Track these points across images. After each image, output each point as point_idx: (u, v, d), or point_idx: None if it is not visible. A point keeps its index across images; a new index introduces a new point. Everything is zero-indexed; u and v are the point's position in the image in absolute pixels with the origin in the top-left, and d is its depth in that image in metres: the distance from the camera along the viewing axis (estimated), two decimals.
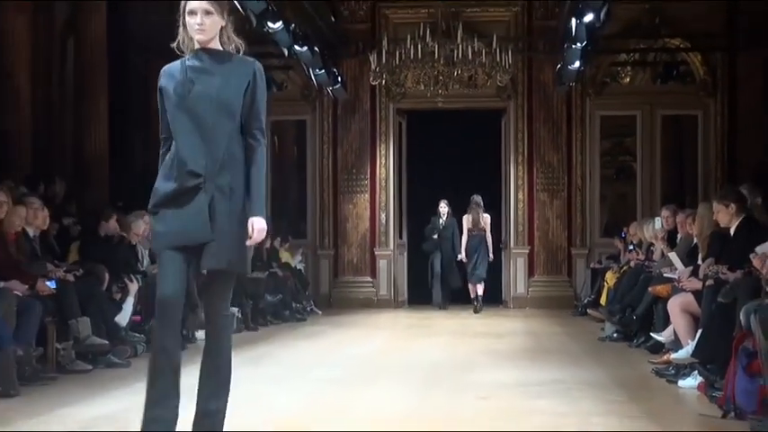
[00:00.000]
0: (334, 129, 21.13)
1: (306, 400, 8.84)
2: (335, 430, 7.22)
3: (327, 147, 21.13)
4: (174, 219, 5.66)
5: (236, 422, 7.51)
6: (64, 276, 10.54)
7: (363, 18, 20.76)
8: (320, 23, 19.28)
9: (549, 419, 7.53)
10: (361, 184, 20.99)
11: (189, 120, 5.69)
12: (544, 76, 20.32)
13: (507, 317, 18.66)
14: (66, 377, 9.92)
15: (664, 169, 21.05)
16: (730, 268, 9.27)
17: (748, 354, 7.47)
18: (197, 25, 5.75)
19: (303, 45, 16.96)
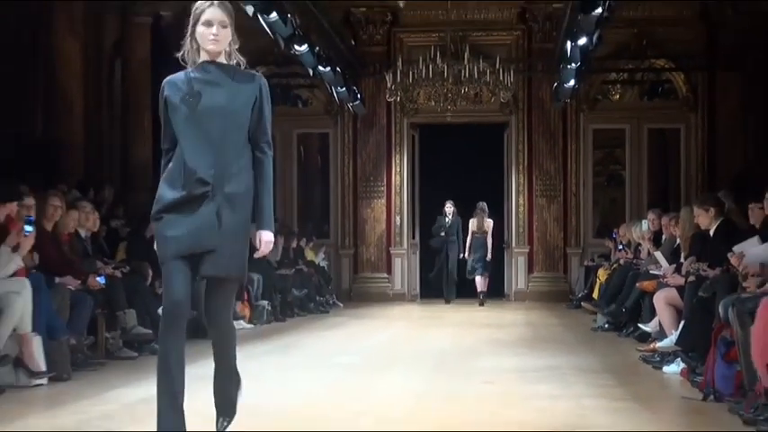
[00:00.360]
0: (353, 141, 21.13)
1: (329, 384, 8.83)
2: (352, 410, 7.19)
3: (348, 157, 21.14)
4: (182, 225, 5.24)
5: (267, 403, 7.52)
6: (112, 273, 10.56)
7: (380, 41, 20.75)
8: (341, 46, 19.28)
9: (545, 402, 7.51)
10: (378, 190, 20.98)
11: (198, 130, 5.25)
12: (542, 93, 20.29)
13: (509, 309, 18.62)
14: (113, 363, 9.95)
15: (650, 177, 21.03)
16: (710, 266, 9.26)
17: (726, 343, 7.44)
18: (212, 35, 5.41)
19: (326, 66, 16.96)
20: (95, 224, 11.19)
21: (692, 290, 9.33)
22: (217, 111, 5.25)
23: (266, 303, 15.50)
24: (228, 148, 5.24)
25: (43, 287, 8.74)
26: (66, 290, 9.35)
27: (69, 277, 9.49)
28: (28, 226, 8.66)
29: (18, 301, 8.30)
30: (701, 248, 9.98)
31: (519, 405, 7.40)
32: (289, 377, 9.24)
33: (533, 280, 20.74)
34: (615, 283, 13.96)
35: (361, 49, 20.58)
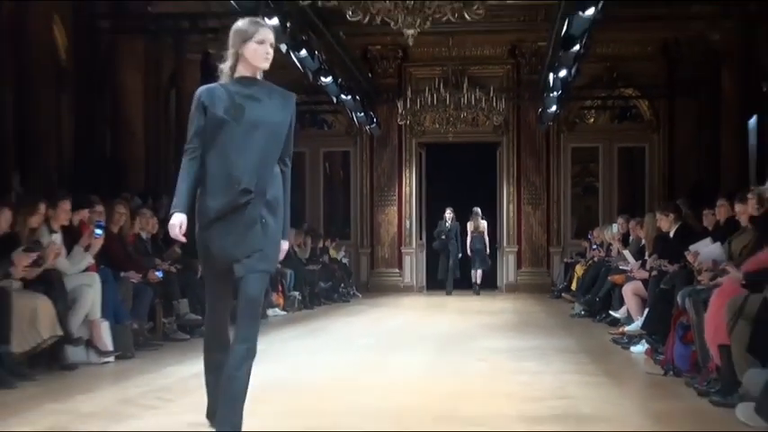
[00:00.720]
0: (370, 157, 21.14)
1: (351, 361, 8.84)
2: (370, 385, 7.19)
3: (365, 171, 21.15)
4: (229, 235, 4.74)
5: (299, 378, 7.54)
6: (168, 269, 10.58)
7: (392, 74, 20.76)
8: (360, 78, 19.31)
9: (530, 376, 7.50)
10: (391, 199, 20.99)
11: (243, 142, 4.75)
12: (529, 117, 20.25)
13: (500, 299, 18.58)
14: (169, 344, 9.98)
15: (619, 188, 20.99)
16: (670, 262, 9.24)
17: (684, 327, 7.42)
18: (266, 54, 4.92)
19: (347, 94, 17.00)
20: (154, 227, 11.21)
21: (655, 282, 9.34)
22: (260, 124, 4.79)
23: (297, 294, 15.52)
24: (268, 159, 4.81)
25: (110, 280, 8.79)
26: (130, 283, 9.38)
27: (132, 272, 9.51)
28: (98, 229, 8.71)
29: (89, 292, 8.34)
30: (663, 248, 9.96)
31: (507, 379, 7.40)
32: (317, 356, 9.26)
33: (521, 274, 20.70)
34: (590, 277, 13.95)
35: (376, 81, 20.58)
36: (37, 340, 7.51)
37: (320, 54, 15.09)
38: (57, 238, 8.28)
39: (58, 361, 7.85)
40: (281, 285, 14.80)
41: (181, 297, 10.65)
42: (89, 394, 6.67)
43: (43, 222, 8.28)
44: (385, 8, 10.77)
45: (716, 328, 6.23)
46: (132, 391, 6.81)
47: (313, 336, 11.28)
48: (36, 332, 7.49)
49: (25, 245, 7.78)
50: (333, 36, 16.62)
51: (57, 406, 6.12)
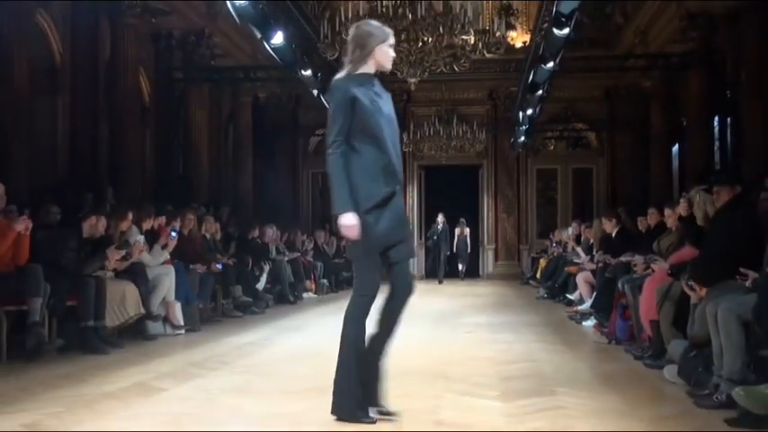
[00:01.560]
0: None
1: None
2: None
3: None
4: (391, 221, 4.01)
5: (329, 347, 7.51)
6: (227, 262, 10.57)
7: (399, 112, 20.50)
8: None
9: (505, 345, 7.46)
10: None
11: (391, 133, 4.03)
12: (504, 145, 20.24)
13: (482, 285, 18.54)
14: (227, 320, 9.96)
15: (573, 199, 20.96)
16: (612, 257, 9.19)
17: (623, 307, 7.39)
18: (392, 56, 4.20)
19: None
20: (216, 230, 11.23)
21: (601, 272, 9.31)
22: (391, 119, 4.10)
23: (326, 281, 15.50)
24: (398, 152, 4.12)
25: (182, 270, 8.78)
26: (197, 273, 9.37)
27: (199, 265, 9.51)
28: (173, 232, 8.71)
29: (166, 279, 8.34)
30: (607, 246, 9.92)
31: (488, 347, 7.35)
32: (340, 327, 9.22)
33: (498, 266, 20.68)
34: (551, 268, 13.90)
35: None
36: (125, 317, 7.52)
37: None
38: (141, 238, 8.28)
39: (141, 333, 7.85)
40: (313, 275, 14.78)
41: (236, 284, 10.64)
42: (165, 359, 6.67)
43: (131, 226, 8.28)
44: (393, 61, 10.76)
45: (648, 308, 6.20)
46: (198, 356, 6.80)
47: (338, 314, 11.06)
48: (124, 310, 7.49)
49: (117, 244, 7.79)
50: None
51: (140, 368, 6.11)
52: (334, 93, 4.09)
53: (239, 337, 8.10)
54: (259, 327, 9.19)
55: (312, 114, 20.33)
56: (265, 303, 11.52)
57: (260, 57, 16.18)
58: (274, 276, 12.62)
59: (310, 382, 5.42)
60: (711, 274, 5.09)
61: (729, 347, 4.47)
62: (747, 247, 4.89)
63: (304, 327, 9.35)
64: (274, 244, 13.58)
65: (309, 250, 15.53)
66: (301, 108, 20.69)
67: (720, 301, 4.59)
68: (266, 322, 9.71)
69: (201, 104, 15.70)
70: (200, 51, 15.33)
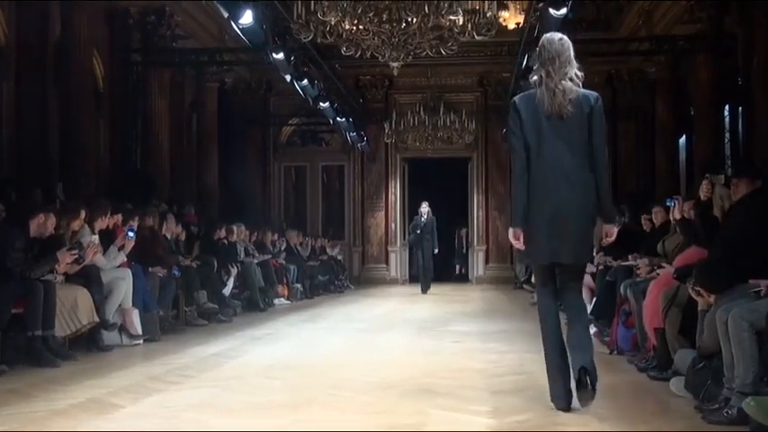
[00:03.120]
0: (362, 171, 21.13)
1: (346, 341, 8.82)
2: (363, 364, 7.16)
3: (358, 182, 21.15)
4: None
5: (302, 357, 7.50)
6: (189, 264, 10.52)
7: (380, 100, 20.76)
8: (353, 103, 19.33)
9: (496, 355, 7.48)
10: (379, 205, 21.00)
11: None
12: (495, 136, 20.25)
13: (471, 289, 18.60)
14: (190, 329, 9.93)
15: None
16: (614, 258, 9.23)
17: (626, 313, 7.42)
18: None
19: (342, 117, 17.02)
20: (178, 230, 11.17)
21: (602, 276, 9.31)
22: None
23: (299, 286, 15.48)
24: None
25: (140, 274, 8.74)
26: (157, 276, 9.33)
27: (159, 267, 9.46)
28: (130, 232, 8.66)
29: (122, 284, 8.30)
30: (607, 247, 9.94)
31: (478, 357, 7.37)
32: (318, 337, 9.23)
33: (489, 269, 20.72)
34: None
35: (366, 105, 20.59)
36: (77, 325, 7.46)
37: (319, 83, 15.10)
38: (95, 239, 8.23)
39: (95, 343, 7.80)
40: (285, 279, 14.75)
41: (200, 289, 10.60)
42: (121, 372, 6.62)
43: (83, 225, 8.22)
44: (374, 44, 10.77)
45: (653, 314, 6.23)
46: (158, 368, 6.76)
47: (313, 321, 11.24)
48: (76, 318, 7.45)
49: (68, 245, 7.73)
50: (329, 68, 16.63)
51: (94, 381, 6.08)
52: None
53: (204, 348, 8.07)
54: (226, 336, 9.16)
55: (285, 102, 20.31)
56: (233, 310, 11.48)
57: (227, 38, 16.13)
58: (243, 281, 12.58)
59: (282, 396, 5.40)
60: (720, 278, 5.07)
61: (741, 358, 4.49)
62: (762, 249, 4.89)
63: (275, 336, 9.32)
64: (243, 245, 13.54)
65: (281, 252, 15.49)
66: (273, 95, 20.65)
67: (731, 308, 4.62)
68: (234, 331, 9.67)
69: (162, 91, 15.61)
70: (161, 32, 15.24)
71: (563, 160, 4.67)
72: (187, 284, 10.27)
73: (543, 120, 4.71)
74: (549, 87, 4.75)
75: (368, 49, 10.98)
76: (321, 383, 5.93)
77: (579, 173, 4.68)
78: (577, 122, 4.72)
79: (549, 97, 4.72)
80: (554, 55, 4.79)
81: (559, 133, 4.70)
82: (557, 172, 4.68)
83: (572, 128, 4.71)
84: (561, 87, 4.73)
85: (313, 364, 7.06)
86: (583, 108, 4.76)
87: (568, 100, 4.73)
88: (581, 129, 4.71)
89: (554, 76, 4.75)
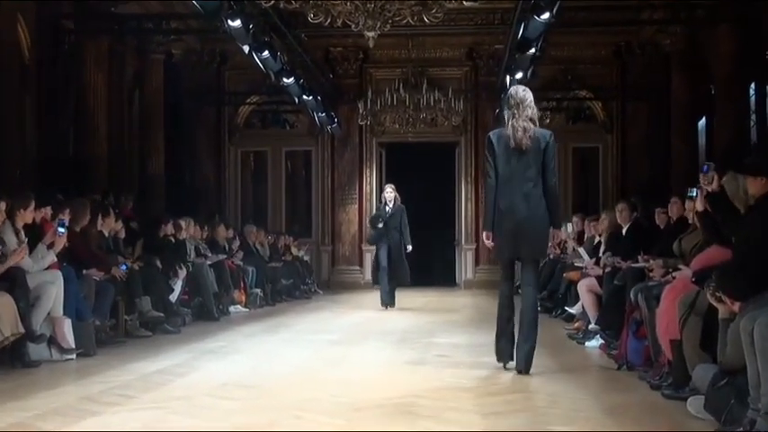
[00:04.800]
0: (332, 157, 21.11)
1: (312, 355, 8.81)
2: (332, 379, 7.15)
3: (327, 170, 21.13)
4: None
5: (261, 375, 7.47)
6: (131, 266, 10.46)
7: (353, 75, 20.74)
8: (322, 79, 19.28)
9: (488, 372, 7.48)
10: (352, 197, 20.97)
11: None
12: (486, 118, 20.26)
13: (459, 295, 18.63)
14: (132, 341, 9.85)
15: (574, 186, 21.13)
16: (623, 259, 9.27)
17: (636, 322, 7.46)
18: None
19: (309, 95, 16.95)
20: (117, 225, 11.10)
21: (609, 279, 9.37)
22: None
23: (259, 291, 15.42)
24: None
25: (73, 278, 8.67)
26: (92, 280, 9.27)
27: (94, 269, 9.40)
28: (61, 228, 8.58)
29: (52, 289, 8.23)
30: (616, 245, 10.01)
31: (466, 374, 7.37)
32: (277, 351, 9.20)
33: (479, 271, 20.75)
34: (546, 274, 13.96)
35: (337, 82, 20.55)
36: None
37: (282, 55, 15.04)
38: (19, 235, 8.15)
39: (20, 359, 7.72)
40: (243, 282, 14.71)
41: (143, 294, 10.52)
42: (51, 392, 6.56)
43: (4, 220, 8.14)
44: (346, 11, 10.73)
45: (668, 324, 6.26)
46: (94, 388, 6.70)
47: (274, 332, 11.21)
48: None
49: None
50: (295, 38, 16.57)
51: (18, 403, 6.01)
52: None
53: (147, 364, 8.02)
54: (173, 350, 9.10)
55: (242, 77, 20.23)
56: (181, 319, 11.43)
57: (174, 3, 16.02)
58: (193, 285, 12.53)
59: (239, 420, 5.38)
60: (745, 282, 5.09)
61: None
62: None
63: (231, 350, 9.29)
64: (193, 243, 13.48)
65: (238, 251, 15.44)
66: (228, 69, 20.56)
67: (758, 316, 4.64)
68: (182, 344, 9.62)
69: (99, 64, 15.50)
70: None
71: (523, 183, 7.14)
72: (128, 289, 10.19)
73: (509, 151, 7.17)
74: (515, 126, 7.15)
75: (339, 17, 10.95)
76: (284, 405, 5.91)
77: (535, 192, 7.15)
78: (534, 154, 7.14)
79: (514, 134, 7.14)
80: (518, 101, 7.21)
81: (521, 162, 7.16)
82: (518, 192, 7.15)
83: (530, 158, 7.14)
84: (523, 126, 7.12)
85: (275, 382, 7.03)
86: (539, 143, 7.16)
87: (528, 137, 7.11)
88: (536, 159, 7.14)
89: (518, 118, 7.15)
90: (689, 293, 6.02)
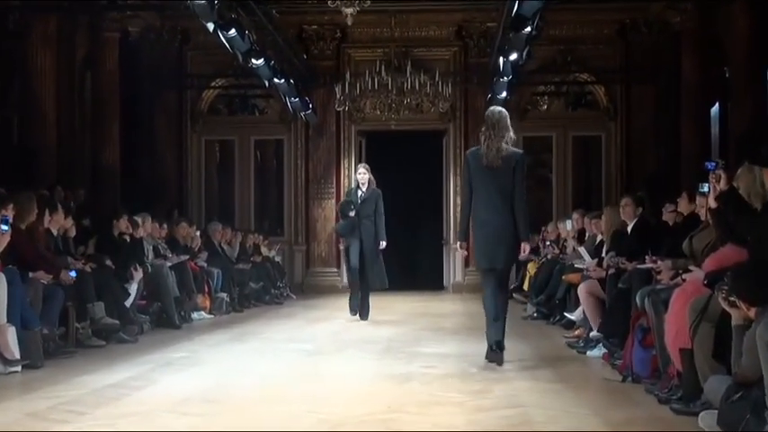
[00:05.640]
0: (306, 146, 21.10)
1: (284, 369, 8.78)
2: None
3: (301, 161, 21.11)
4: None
5: (227, 390, 7.45)
6: (83, 268, 10.42)
7: (330, 56, 20.72)
8: (295, 60, 19.23)
9: (479, 385, 7.48)
10: (328, 191, 20.95)
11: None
12: (478, 103, 20.28)
13: (447, 300, 18.63)
14: (84, 351, 9.79)
15: (574, 179, 21.20)
16: (628, 260, 9.29)
17: (643, 330, 7.47)
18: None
19: (281, 78, 16.91)
20: (67, 223, 11.04)
21: (612, 282, 9.40)
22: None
23: (225, 295, 15.38)
24: None
25: (17, 281, 8.60)
26: (39, 283, 9.20)
27: (42, 272, 9.33)
28: (3, 225, 8.53)
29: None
30: (620, 244, 10.03)
31: (456, 387, 7.37)
32: (245, 363, 9.18)
33: (470, 273, 20.69)
34: (543, 276, 14.03)
35: (312, 63, 20.52)
36: None
37: (251, 34, 14.99)
38: None
39: None
40: (207, 286, 14.67)
41: (96, 300, 10.47)
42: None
43: None
44: None
45: (677, 331, 6.27)
46: (41, 403, 6.67)
47: (242, 341, 11.18)
48: None
49: None
50: (265, 14, 16.49)
51: None
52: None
53: (101, 377, 7.99)
54: (129, 361, 9.07)
55: (206, 58, 20.16)
56: (138, 327, 11.40)
57: None
58: (151, 289, 12.49)
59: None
60: (761, 285, 5.11)
61: None
62: None
63: (194, 361, 9.27)
64: (151, 242, 13.43)
65: (202, 252, 15.40)
66: (191, 49, 20.49)
67: None
68: (140, 354, 9.59)
69: (47, 43, 15.44)
70: None
71: (495, 199, 8.48)
72: (79, 294, 10.13)
73: (484, 169, 8.47)
74: (489, 147, 8.45)
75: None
76: (253, 423, 5.90)
77: (505, 207, 8.48)
78: (505, 172, 8.44)
79: (487, 153, 8.45)
80: (494, 122, 8.57)
81: (493, 180, 8.46)
82: (491, 207, 8.50)
83: (501, 176, 8.44)
84: (497, 147, 8.44)
85: (242, 397, 7.02)
86: (510, 163, 8.47)
87: (501, 157, 8.41)
88: (507, 177, 8.45)
89: (493, 138, 8.46)
90: (700, 298, 6.03)
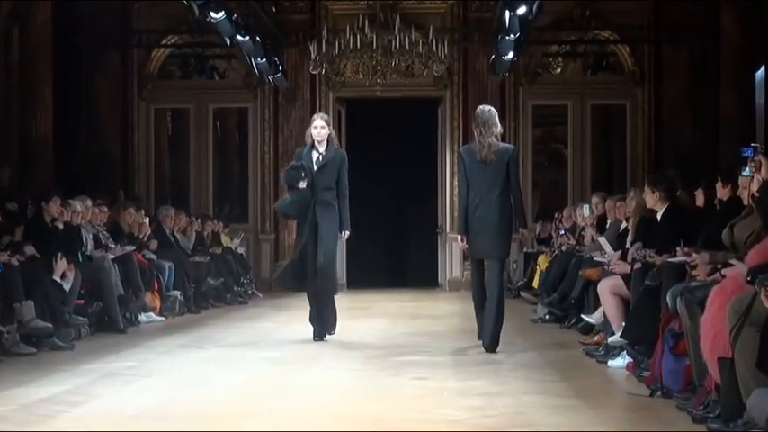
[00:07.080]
0: (275, 116, 21.06)
1: (247, 380, 8.82)
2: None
3: (269, 134, 21.07)
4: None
5: (181, 404, 7.46)
6: (8, 260, 10.38)
7: (304, 9, 20.69)
8: (262, 14, 19.18)
9: (481, 400, 7.51)
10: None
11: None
12: (479, 66, 20.34)
13: (443, 299, 18.67)
14: (10, 360, 9.76)
15: (594, 156, 21.22)
16: (657, 252, 9.29)
17: (675, 335, 7.50)
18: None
19: (245, 35, 16.88)
20: None
21: (639, 278, 9.38)
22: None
23: (178, 294, 15.36)
24: None
25: None
26: None
27: None
28: None
29: None
30: (648, 234, 10.03)
31: (453, 402, 7.40)
32: (203, 373, 9.20)
33: (468, 268, 20.73)
34: (556, 272, 14.03)
35: (283, 17, 20.48)
36: None
37: None
38: None
39: None
40: (157, 282, 14.66)
41: (24, 298, 10.46)
42: None
43: None
44: None
45: (715, 337, 6.29)
46: None
47: (199, 348, 11.19)
48: None
49: None
50: None
51: None
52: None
53: (30, 390, 7.99)
54: (65, 371, 9.07)
55: (156, 11, 20.12)
56: (76, 331, 11.40)
57: None
58: (91, 285, 12.48)
59: None
60: None
61: None
62: None
63: (142, 371, 9.27)
64: (91, 230, 13.40)
65: (151, 241, 15.39)
66: (137, 1, 20.41)
67: None
68: (77, 364, 9.58)
69: None
70: None
71: (489, 192, 10.27)
72: (4, 292, 10.13)
73: (477, 164, 10.29)
74: (481, 142, 10.28)
75: None
76: None
77: (499, 200, 10.29)
78: (498, 167, 10.27)
79: (480, 149, 10.27)
80: (485, 120, 10.34)
81: (487, 174, 10.29)
82: (485, 200, 10.26)
83: (494, 170, 10.26)
84: (488, 142, 10.26)
85: (199, 414, 7.04)
86: (504, 157, 10.34)
87: (493, 152, 10.24)
88: (500, 171, 10.28)
89: (485, 135, 10.27)
90: (743, 297, 6.05)
